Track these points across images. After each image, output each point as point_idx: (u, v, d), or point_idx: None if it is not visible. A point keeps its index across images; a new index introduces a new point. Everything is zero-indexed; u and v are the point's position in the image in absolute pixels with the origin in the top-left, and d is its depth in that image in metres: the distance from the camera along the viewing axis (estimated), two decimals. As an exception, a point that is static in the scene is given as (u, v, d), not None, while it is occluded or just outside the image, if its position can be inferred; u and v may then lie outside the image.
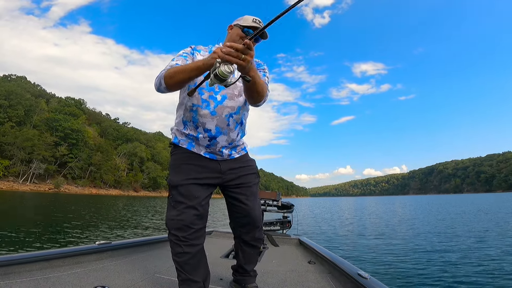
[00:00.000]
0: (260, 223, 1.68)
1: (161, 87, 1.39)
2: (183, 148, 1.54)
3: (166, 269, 2.12)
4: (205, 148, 1.52)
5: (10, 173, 54.97)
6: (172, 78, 1.33)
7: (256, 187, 1.68)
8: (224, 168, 1.55)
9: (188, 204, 1.42)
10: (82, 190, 64.34)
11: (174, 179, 1.47)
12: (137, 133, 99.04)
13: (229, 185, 1.58)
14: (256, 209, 1.63)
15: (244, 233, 1.66)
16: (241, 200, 1.59)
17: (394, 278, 4.36)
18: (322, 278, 2.04)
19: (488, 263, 5.23)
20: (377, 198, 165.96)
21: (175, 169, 1.51)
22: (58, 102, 77.24)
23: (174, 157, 1.56)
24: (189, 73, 1.28)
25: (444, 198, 74.62)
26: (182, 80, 1.32)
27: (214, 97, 1.50)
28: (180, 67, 1.34)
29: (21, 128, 58.51)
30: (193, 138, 1.51)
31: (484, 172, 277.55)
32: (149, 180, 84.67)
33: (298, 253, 2.88)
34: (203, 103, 1.48)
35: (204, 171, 1.51)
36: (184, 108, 1.53)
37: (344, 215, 19.58)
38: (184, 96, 1.52)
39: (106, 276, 1.85)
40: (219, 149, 1.53)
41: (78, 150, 66.96)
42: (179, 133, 1.56)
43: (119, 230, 9.19)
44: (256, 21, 1.49)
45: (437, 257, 5.81)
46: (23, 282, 1.61)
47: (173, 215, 1.42)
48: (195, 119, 1.49)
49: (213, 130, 1.48)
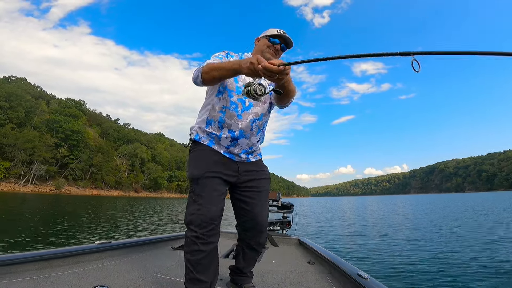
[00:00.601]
0: (266, 228, 1.69)
1: (197, 80, 1.44)
2: (204, 145, 1.56)
3: (166, 269, 2.12)
4: (224, 148, 1.56)
5: (11, 175, 54.99)
6: (208, 73, 1.38)
7: (267, 193, 1.70)
8: (241, 169, 1.59)
9: (210, 198, 1.43)
10: (83, 191, 64.38)
11: (195, 172, 1.48)
12: (138, 134, 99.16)
13: (241, 186, 1.60)
14: (264, 214, 1.65)
15: (249, 237, 1.67)
16: (250, 204, 1.61)
17: (394, 279, 4.34)
18: (322, 278, 2.04)
19: (491, 263, 5.18)
20: (378, 197, 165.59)
21: (196, 163, 1.52)
22: (59, 104, 77.27)
23: (194, 153, 1.56)
24: (224, 71, 1.32)
25: (446, 197, 74.50)
26: (217, 77, 1.37)
27: (243, 101, 1.56)
28: (217, 64, 1.38)
29: (21, 129, 58.54)
30: (215, 137, 1.55)
31: (485, 171, 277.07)
32: (150, 181, 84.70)
33: (298, 253, 2.87)
34: (232, 105, 1.54)
35: (223, 167, 1.53)
36: (211, 108, 1.57)
37: (346, 214, 19.55)
38: (212, 96, 1.58)
39: (106, 276, 1.85)
40: (238, 151, 1.57)
41: (79, 151, 66.97)
42: (201, 131, 1.59)
43: (119, 230, 9.20)
44: (280, 32, 1.60)
45: (438, 257, 5.79)
46: (23, 281, 1.61)
47: (194, 209, 1.41)
48: (221, 120, 1.54)
49: (237, 132, 1.53)
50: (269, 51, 1.59)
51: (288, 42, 1.60)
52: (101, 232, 8.58)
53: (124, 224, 11.08)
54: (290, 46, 1.62)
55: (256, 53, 1.64)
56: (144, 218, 14.10)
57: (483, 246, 6.70)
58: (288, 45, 1.61)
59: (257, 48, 1.64)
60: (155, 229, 9.99)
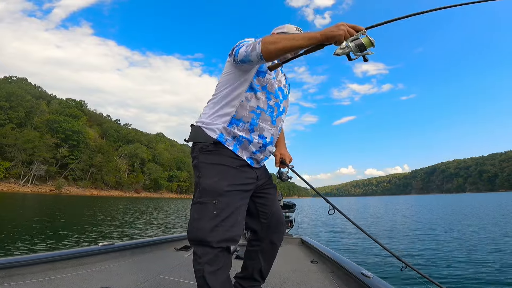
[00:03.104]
0: (284, 222, 1.63)
1: (252, 54, 1.20)
2: (228, 149, 1.34)
3: (169, 270, 2.12)
4: (249, 154, 1.39)
5: (11, 175, 55.09)
6: (276, 44, 1.16)
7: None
8: (259, 175, 1.47)
9: (238, 216, 1.30)
10: (83, 191, 64.45)
11: (220, 184, 1.27)
12: (138, 134, 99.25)
13: (259, 190, 1.52)
14: (280, 207, 1.62)
15: (273, 231, 1.54)
16: (270, 199, 1.54)
17: (398, 277, 4.33)
18: (325, 278, 2.03)
19: (494, 264, 5.16)
20: (379, 198, 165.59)
21: (219, 172, 1.30)
22: (59, 104, 77.47)
23: (214, 156, 1.33)
24: (299, 40, 1.14)
25: (447, 198, 74.41)
26: (288, 47, 1.16)
27: (279, 105, 1.45)
28: (285, 35, 1.22)
29: (22, 129, 58.66)
30: (245, 141, 1.35)
31: (486, 172, 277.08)
32: (150, 181, 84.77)
33: (300, 253, 2.87)
34: (269, 109, 1.40)
35: (245, 177, 1.37)
36: (240, 105, 1.35)
37: (349, 215, 19.50)
38: (240, 90, 1.36)
39: (109, 277, 1.85)
40: (262, 158, 1.45)
41: (79, 152, 67.10)
42: (227, 132, 1.35)
43: (122, 231, 9.19)
44: (299, 29, 1.49)
45: (441, 256, 5.78)
46: (28, 284, 1.61)
47: (216, 225, 1.22)
48: (254, 123, 1.36)
49: (268, 138, 1.41)
50: None
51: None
52: (103, 233, 8.58)
53: (127, 225, 11.09)
54: None
55: None
56: (146, 219, 14.11)
57: (488, 247, 6.65)
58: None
59: None
60: (158, 231, 9.98)
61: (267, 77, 1.40)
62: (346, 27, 1.11)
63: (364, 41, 1.09)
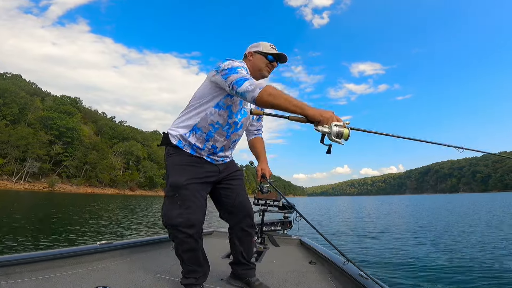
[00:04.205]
0: (252, 211, 1.79)
1: (249, 94, 1.28)
2: (186, 152, 1.60)
3: (167, 269, 2.12)
4: (205, 155, 1.64)
5: (4, 172, 54.39)
6: (274, 98, 1.24)
7: (243, 181, 1.84)
8: (221, 169, 1.70)
9: (197, 203, 1.53)
10: (77, 189, 63.82)
11: (181, 179, 1.52)
12: (134, 131, 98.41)
13: (222, 181, 1.72)
14: (247, 197, 1.78)
15: (240, 219, 1.73)
16: (234, 189, 1.73)
17: (395, 278, 4.35)
18: (323, 278, 2.04)
19: (492, 265, 5.14)
20: (374, 197, 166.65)
21: (179, 170, 1.55)
22: (53, 101, 76.40)
23: (176, 158, 1.59)
24: (291, 107, 1.23)
25: (441, 198, 75.20)
26: (282, 106, 1.23)
27: (237, 123, 1.63)
28: (286, 94, 1.27)
29: (15, 126, 57.84)
30: (197, 149, 1.60)
31: (480, 172, 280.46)
32: (146, 179, 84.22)
33: (299, 253, 2.88)
34: (227, 125, 1.59)
35: (205, 171, 1.61)
36: (204, 117, 1.56)
37: (346, 214, 19.64)
38: (208, 105, 1.55)
39: (107, 276, 1.85)
40: (219, 158, 1.69)
41: (73, 149, 66.35)
42: (183, 139, 1.59)
43: (120, 230, 9.13)
44: (274, 47, 1.69)
45: (439, 257, 5.80)
46: (25, 282, 1.60)
47: (182, 212, 1.48)
48: (211, 134, 1.58)
49: (219, 148, 1.64)
50: (267, 68, 1.69)
51: (285, 60, 1.72)
52: (102, 233, 8.51)
53: (123, 224, 11.01)
54: (284, 61, 1.73)
55: (253, 69, 1.68)
56: (143, 217, 14.03)
57: (487, 247, 6.67)
58: (284, 62, 1.74)
59: (254, 65, 1.67)
60: (156, 229, 9.93)
61: (234, 99, 1.56)
62: (333, 115, 1.21)
63: (344, 132, 1.20)
